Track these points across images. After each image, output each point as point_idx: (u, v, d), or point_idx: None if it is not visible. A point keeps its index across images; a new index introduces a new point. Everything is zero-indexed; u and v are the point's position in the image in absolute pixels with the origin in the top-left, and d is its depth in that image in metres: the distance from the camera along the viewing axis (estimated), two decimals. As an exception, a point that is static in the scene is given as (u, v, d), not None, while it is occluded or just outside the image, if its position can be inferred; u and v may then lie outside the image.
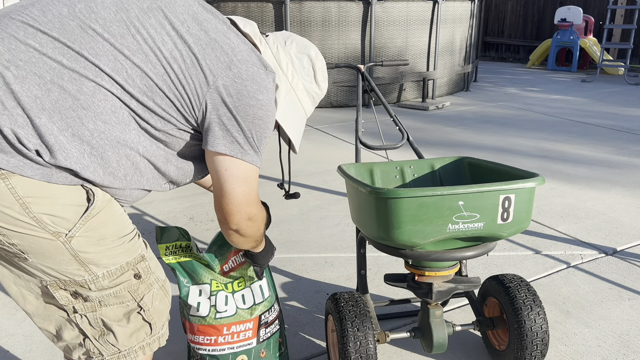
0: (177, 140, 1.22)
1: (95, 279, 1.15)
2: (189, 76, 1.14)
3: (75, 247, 1.11)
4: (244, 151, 1.21)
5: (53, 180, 1.07)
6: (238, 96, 1.17)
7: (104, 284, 1.17)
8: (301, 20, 6.65)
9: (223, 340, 1.67)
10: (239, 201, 1.26)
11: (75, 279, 1.14)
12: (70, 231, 1.09)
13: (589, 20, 10.76)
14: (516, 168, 1.76)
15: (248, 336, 1.70)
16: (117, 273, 1.18)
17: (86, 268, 1.14)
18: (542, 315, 1.81)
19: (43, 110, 1.03)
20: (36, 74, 1.02)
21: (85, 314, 1.19)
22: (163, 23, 1.14)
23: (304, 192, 3.85)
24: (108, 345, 1.23)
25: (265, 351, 1.75)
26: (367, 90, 2.41)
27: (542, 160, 4.71)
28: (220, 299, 1.67)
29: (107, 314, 1.21)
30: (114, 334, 1.23)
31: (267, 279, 1.76)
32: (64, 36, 1.06)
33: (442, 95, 7.98)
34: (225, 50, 1.17)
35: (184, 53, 1.13)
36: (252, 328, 1.70)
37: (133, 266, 1.21)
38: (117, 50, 1.09)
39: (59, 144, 1.05)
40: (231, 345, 1.69)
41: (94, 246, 1.13)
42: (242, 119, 1.19)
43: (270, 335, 1.75)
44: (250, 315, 1.70)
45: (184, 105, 1.16)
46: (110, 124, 1.10)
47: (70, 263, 1.12)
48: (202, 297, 1.66)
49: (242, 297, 1.70)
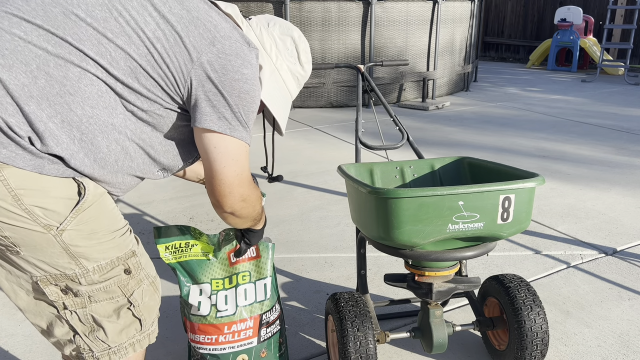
0: (164, 120, 1.21)
1: (85, 272, 1.15)
2: (172, 54, 1.14)
3: (67, 241, 1.11)
4: (232, 127, 1.20)
5: (45, 171, 1.07)
6: (223, 71, 1.17)
7: (94, 278, 1.17)
8: (301, 20, 6.65)
9: (224, 339, 1.68)
10: (230, 181, 1.24)
11: (66, 272, 1.14)
12: (61, 224, 1.09)
13: (589, 20, 10.76)
14: (516, 168, 1.76)
15: (249, 335, 1.70)
16: (108, 267, 1.18)
17: (77, 262, 1.14)
18: (542, 315, 1.81)
19: (31, 98, 1.03)
20: (22, 62, 1.03)
21: (75, 310, 1.19)
22: (145, 4, 1.14)
23: (304, 192, 3.85)
24: (98, 341, 1.23)
25: (266, 351, 1.75)
26: (367, 90, 2.41)
27: (542, 160, 4.71)
28: (220, 298, 1.67)
29: (97, 310, 1.21)
30: (104, 330, 1.23)
31: (272, 279, 1.76)
32: (48, 23, 1.06)
33: (442, 95, 7.98)
34: (208, 27, 1.17)
35: (166, 32, 1.13)
36: (253, 327, 1.70)
37: (124, 261, 1.21)
38: (101, 34, 1.09)
39: (49, 131, 1.05)
40: (232, 345, 1.69)
41: (85, 240, 1.13)
42: (229, 94, 1.18)
43: (271, 335, 1.76)
44: (250, 314, 1.70)
45: (168, 84, 1.16)
46: (98, 108, 1.10)
47: (61, 256, 1.12)
48: (202, 296, 1.66)
49: (244, 292, 1.69)
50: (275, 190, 3.88)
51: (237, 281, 1.69)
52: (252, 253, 1.72)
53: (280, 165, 4.49)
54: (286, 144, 5.16)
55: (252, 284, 1.71)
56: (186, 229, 1.68)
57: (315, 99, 6.99)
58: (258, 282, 1.72)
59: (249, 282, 1.71)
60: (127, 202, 3.66)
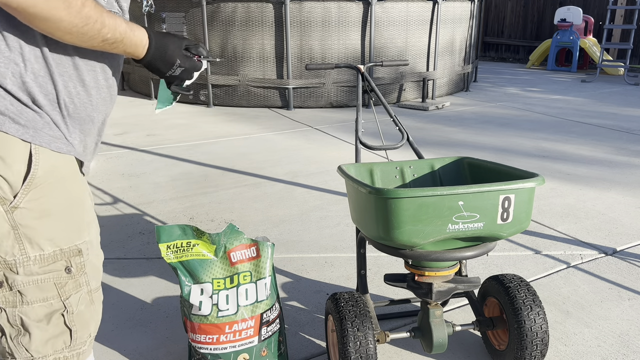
0: None
1: (26, 260, 1.12)
2: None
3: (17, 219, 1.08)
4: None
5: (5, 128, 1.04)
6: None
7: (33, 269, 1.13)
8: (301, 21, 6.66)
9: (225, 338, 1.68)
10: None
11: (7, 258, 1.11)
12: (15, 198, 1.07)
13: (589, 20, 10.76)
14: (516, 168, 1.76)
15: (250, 334, 1.70)
16: (49, 260, 1.15)
17: (20, 246, 1.11)
18: (541, 315, 1.81)
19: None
20: None
21: (5, 308, 1.15)
22: None
23: (304, 192, 3.85)
24: (21, 347, 1.18)
25: (267, 350, 1.76)
26: (367, 91, 2.41)
27: (542, 160, 4.71)
28: (222, 298, 1.67)
29: (28, 313, 1.16)
30: (30, 336, 1.17)
31: (271, 278, 1.77)
32: None
33: (442, 95, 7.98)
34: None
35: None
36: (254, 326, 1.71)
37: (67, 257, 1.18)
38: None
39: None
40: (233, 344, 1.69)
41: (35, 220, 1.11)
42: None
43: (271, 334, 1.76)
44: (251, 313, 1.70)
45: None
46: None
47: (8, 237, 1.09)
48: (203, 296, 1.66)
49: (245, 292, 1.70)
50: (276, 190, 3.88)
51: (239, 281, 1.70)
52: (253, 253, 1.72)
53: (281, 165, 4.49)
54: (286, 144, 5.17)
55: (253, 283, 1.72)
56: (188, 228, 1.68)
57: (315, 99, 6.99)
58: (259, 281, 1.72)
59: (249, 282, 1.71)
60: (127, 202, 3.67)
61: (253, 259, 1.72)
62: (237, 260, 1.70)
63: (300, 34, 6.70)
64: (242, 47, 6.78)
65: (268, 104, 6.97)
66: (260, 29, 6.69)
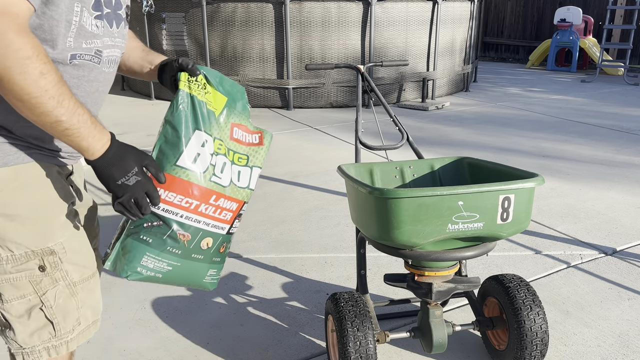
0: None
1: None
2: None
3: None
4: None
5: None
6: None
7: (6, 268, 1.15)
8: (301, 21, 6.66)
9: (204, 210, 1.37)
10: None
11: None
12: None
13: (589, 20, 10.76)
14: (516, 168, 1.76)
15: (226, 219, 1.45)
16: (21, 260, 1.16)
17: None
18: (541, 315, 1.81)
19: None
20: None
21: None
22: None
23: (304, 192, 3.86)
24: (9, 340, 1.23)
25: (225, 248, 1.51)
26: (367, 91, 2.42)
27: (542, 160, 4.71)
28: (219, 162, 1.39)
29: (9, 309, 1.19)
30: (14, 330, 1.21)
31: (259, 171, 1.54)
32: None
33: (442, 95, 7.98)
34: None
35: None
36: (233, 212, 1.45)
37: (40, 257, 1.18)
38: None
39: None
40: (208, 221, 1.40)
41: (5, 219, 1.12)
42: None
43: (234, 232, 1.52)
44: (238, 196, 1.45)
45: None
46: None
47: None
48: (205, 148, 1.35)
49: (238, 174, 1.46)
50: (275, 190, 3.88)
51: (234, 160, 1.45)
52: (255, 140, 1.51)
53: (281, 165, 4.49)
54: (286, 144, 5.17)
55: (248, 168, 1.48)
56: (211, 71, 1.41)
57: (315, 99, 6.99)
58: (254, 168, 1.50)
59: (244, 165, 1.47)
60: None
61: (255, 145, 1.50)
62: (236, 139, 1.45)
63: (300, 34, 6.70)
64: (242, 47, 6.78)
65: (268, 104, 6.97)
66: (260, 29, 6.69)
